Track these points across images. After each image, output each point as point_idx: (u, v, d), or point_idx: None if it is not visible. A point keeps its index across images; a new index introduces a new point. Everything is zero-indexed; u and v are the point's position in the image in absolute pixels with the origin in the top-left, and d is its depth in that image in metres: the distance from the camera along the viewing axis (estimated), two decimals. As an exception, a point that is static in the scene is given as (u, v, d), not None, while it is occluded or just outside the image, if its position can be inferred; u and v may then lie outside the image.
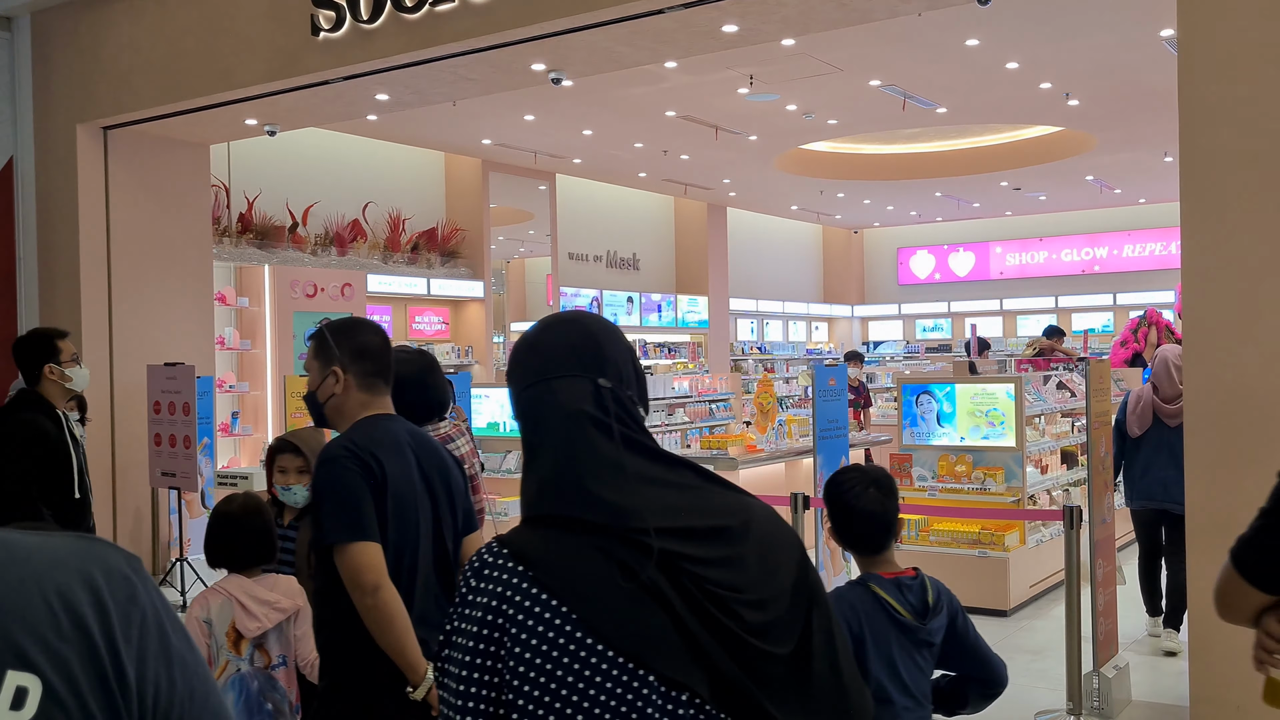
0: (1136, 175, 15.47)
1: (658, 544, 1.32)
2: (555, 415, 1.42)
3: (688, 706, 1.31)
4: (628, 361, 1.48)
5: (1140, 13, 8.01)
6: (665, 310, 16.77)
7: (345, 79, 7.66)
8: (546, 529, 1.37)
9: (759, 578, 1.37)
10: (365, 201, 12.24)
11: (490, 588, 1.34)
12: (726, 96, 10.18)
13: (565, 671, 1.31)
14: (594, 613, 1.31)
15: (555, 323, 1.51)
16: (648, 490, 1.36)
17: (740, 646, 1.32)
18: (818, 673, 1.36)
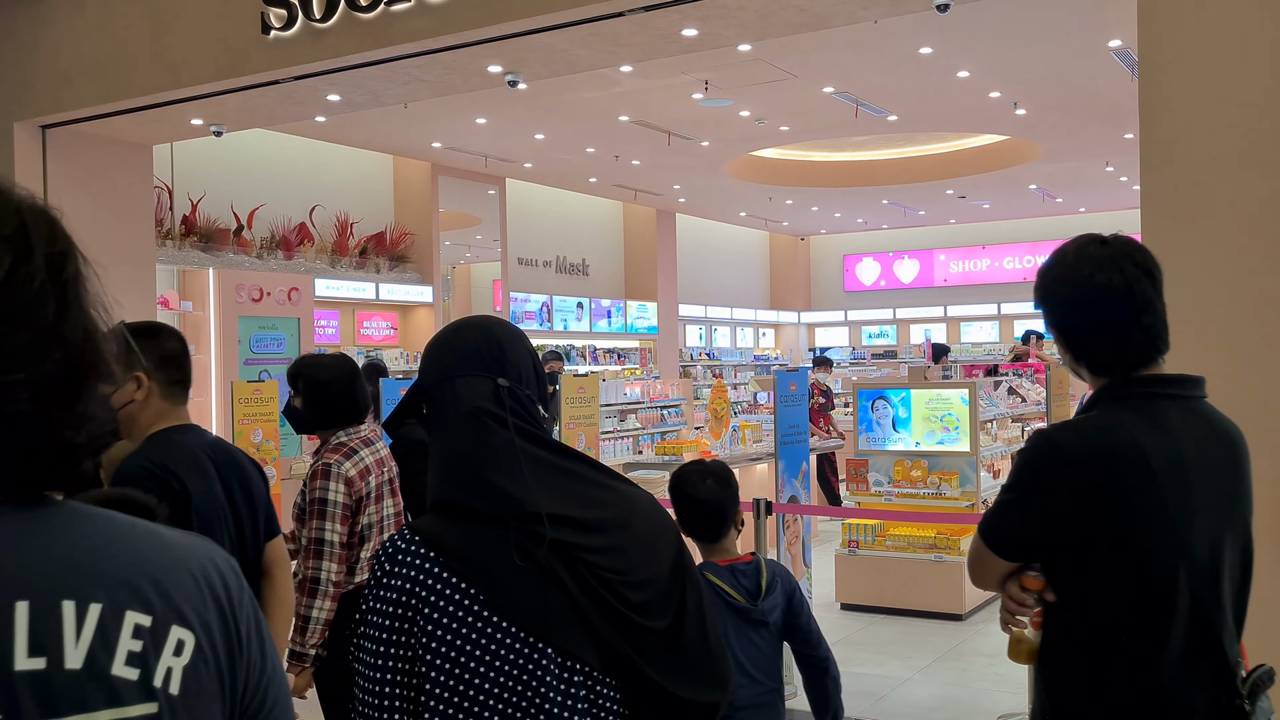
0: (1078, 184, 15.75)
1: (551, 532, 1.47)
2: (457, 410, 1.56)
3: (581, 675, 1.48)
4: (528, 364, 1.63)
5: (1089, 23, 8.14)
6: (615, 316, 16.72)
7: (296, 79, 7.51)
8: (452, 517, 1.52)
9: (640, 562, 1.54)
10: (312, 204, 12.04)
11: (403, 571, 1.48)
12: (680, 102, 10.16)
13: (473, 646, 1.45)
14: (497, 593, 1.46)
15: (464, 326, 1.66)
16: (540, 481, 1.51)
17: (624, 623, 1.49)
18: (689, 641, 1.55)
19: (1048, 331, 2.01)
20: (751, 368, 20.42)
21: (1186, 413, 1.86)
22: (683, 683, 1.54)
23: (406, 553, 1.49)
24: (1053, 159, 13.46)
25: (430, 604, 1.46)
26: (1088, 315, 1.91)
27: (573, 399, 6.81)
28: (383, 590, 1.49)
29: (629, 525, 1.57)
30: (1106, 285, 1.87)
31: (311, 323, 11.36)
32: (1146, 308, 1.88)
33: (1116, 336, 1.89)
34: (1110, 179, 15.20)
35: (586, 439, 6.89)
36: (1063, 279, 1.94)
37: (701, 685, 1.56)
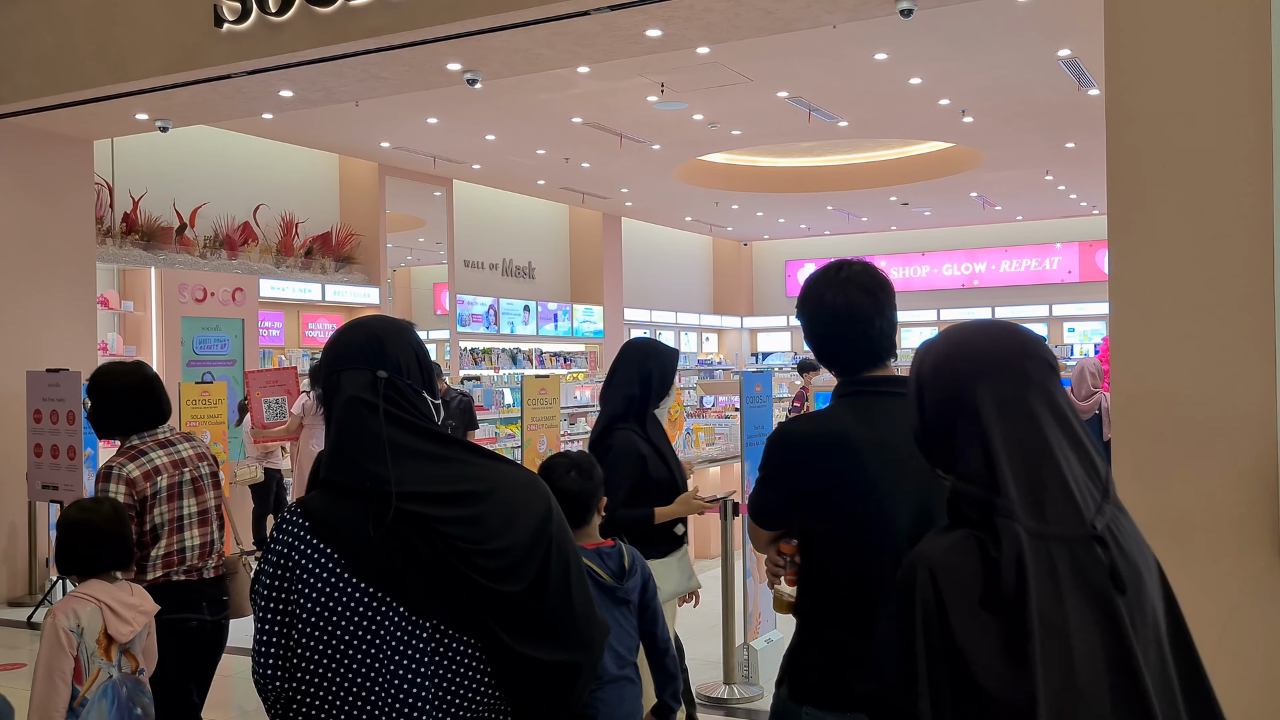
0: (1017, 193, 16.04)
1: (404, 505, 1.69)
2: (339, 399, 1.79)
3: (428, 631, 1.69)
4: (411, 357, 1.83)
5: (1040, 32, 8.28)
6: (562, 320, 16.65)
7: (248, 74, 7.36)
8: (330, 493, 1.76)
9: (495, 531, 1.72)
10: (256, 203, 11.81)
11: (284, 538, 1.73)
12: (635, 104, 10.15)
13: (334, 602, 1.68)
14: (356, 558, 1.69)
15: (350, 325, 1.89)
16: (406, 462, 1.73)
17: (476, 586, 1.69)
18: (550, 606, 1.73)
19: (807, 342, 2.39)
20: (695, 372, 20.48)
21: (901, 405, 1.89)
22: (539, 644, 1.72)
23: (289, 523, 1.75)
24: (996, 167, 13.70)
25: (302, 566, 1.70)
26: (820, 328, 2.31)
27: (534, 400, 6.75)
28: (269, 554, 1.74)
29: (487, 499, 1.75)
30: (832, 304, 2.26)
31: (256, 324, 11.14)
32: (868, 323, 2.25)
33: (841, 345, 2.29)
34: (1049, 187, 15.51)
35: (549, 440, 6.83)
36: (805, 298, 2.34)
37: (559, 647, 1.73)
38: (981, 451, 1.44)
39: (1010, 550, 1.37)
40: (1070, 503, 1.42)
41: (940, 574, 1.39)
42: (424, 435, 1.78)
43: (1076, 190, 15.92)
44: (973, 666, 1.34)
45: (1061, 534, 1.40)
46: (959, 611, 1.37)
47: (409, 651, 1.68)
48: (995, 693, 1.33)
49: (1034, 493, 1.41)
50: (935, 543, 1.44)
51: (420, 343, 1.89)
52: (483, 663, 1.71)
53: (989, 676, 1.34)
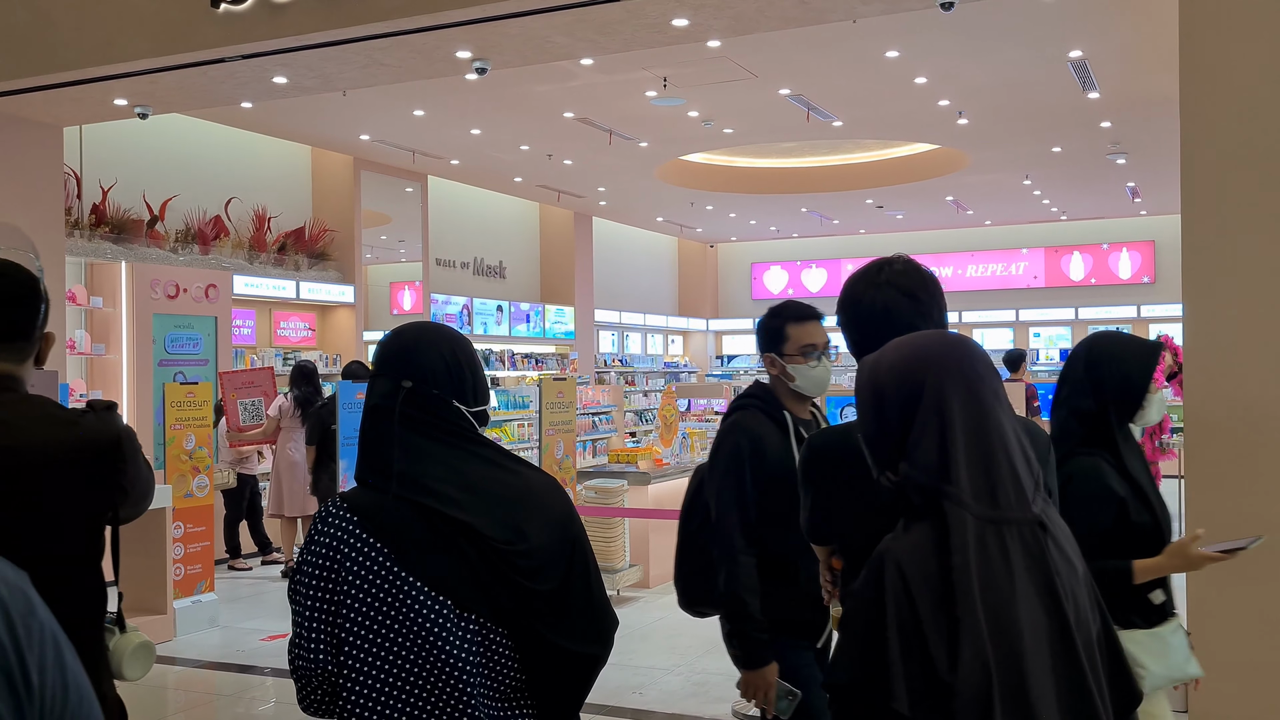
0: (992, 197, 16.05)
1: (448, 510, 1.78)
2: (367, 404, 1.89)
3: (477, 624, 1.78)
4: (439, 366, 1.89)
5: (1055, 32, 8.18)
6: (534, 320, 16.32)
7: (244, 58, 6.97)
8: (371, 490, 1.82)
9: (530, 533, 1.81)
10: (227, 196, 11.33)
11: (331, 529, 1.78)
12: (632, 99, 9.89)
13: (385, 594, 1.74)
14: (405, 553, 1.76)
15: (392, 333, 1.97)
16: (433, 465, 1.82)
17: (514, 585, 1.78)
18: (575, 602, 1.85)
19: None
20: (661, 374, 20.26)
21: None
22: (568, 636, 1.83)
23: (335, 516, 1.79)
24: (978, 170, 13.65)
25: (351, 558, 1.75)
26: (855, 329, 2.19)
27: (553, 404, 6.46)
28: (314, 546, 1.78)
29: (520, 502, 1.84)
30: (870, 306, 2.14)
31: (229, 322, 10.68)
32: (907, 327, 2.06)
33: (872, 348, 2.13)
34: (1025, 192, 15.53)
35: (565, 446, 6.54)
36: (842, 298, 2.22)
37: (584, 639, 1.86)
38: (938, 442, 1.54)
39: (959, 536, 1.48)
40: (1019, 490, 1.54)
41: (908, 570, 1.48)
42: (446, 439, 1.85)
43: (1051, 195, 15.96)
44: (940, 656, 1.43)
45: (1014, 518, 1.52)
46: (925, 606, 1.45)
47: (457, 643, 1.76)
48: (959, 684, 1.42)
49: (988, 480, 1.53)
50: (902, 540, 1.53)
51: (457, 355, 1.93)
52: (514, 651, 1.82)
53: (952, 667, 1.43)
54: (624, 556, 8.28)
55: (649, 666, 6.31)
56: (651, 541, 8.63)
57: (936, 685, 1.43)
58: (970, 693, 1.42)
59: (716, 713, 5.50)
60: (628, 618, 7.64)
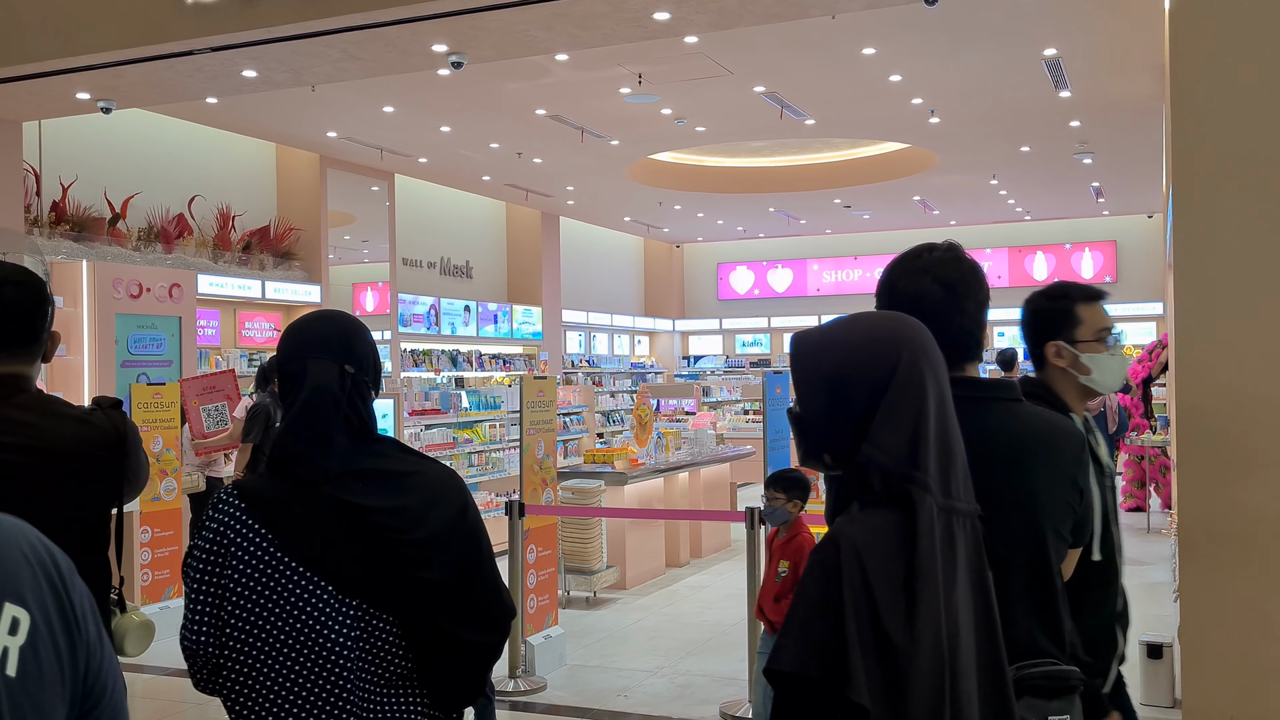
0: (959, 197, 16.12)
1: (343, 494, 1.82)
2: (306, 386, 1.86)
3: (357, 609, 1.81)
4: (370, 356, 1.95)
5: (1030, 30, 8.19)
6: (501, 321, 16.18)
7: (213, 50, 6.81)
8: (275, 475, 1.86)
9: (419, 522, 1.84)
10: (191, 194, 11.11)
11: (220, 516, 1.84)
12: (605, 97, 9.80)
13: (265, 578, 1.79)
14: (287, 538, 1.80)
15: (318, 315, 1.98)
16: (350, 454, 1.86)
17: (404, 573, 1.81)
18: (470, 591, 1.87)
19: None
20: (628, 375, 20.18)
21: (969, 413, 1.88)
22: (461, 625, 1.84)
23: (225, 502, 1.84)
24: (947, 170, 13.70)
25: (235, 543, 1.80)
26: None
27: (533, 404, 6.35)
28: (204, 530, 1.84)
29: (412, 491, 1.87)
30: (902, 292, 2.03)
31: (194, 322, 10.45)
32: (928, 317, 1.90)
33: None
34: (991, 192, 15.62)
35: (545, 445, 6.44)
36: (882, 280, 2.11)
37: (477, 628, 1.87)
38: (912, 426, 1.48)
39: (926, 523, 1.44)
40: (968, 480, 1.54)
41: (867, 557, 1.42)
42: (364, 431, 1.91)
43: (1016, 195, 16.07)
44: (894, 641, 1.39)
45: (963, 509, 1.51)
46: (883, 590, 1.40)
47: (334, 625, 1.79)
48: (912, 676, 1.39)
49: (945, 469, 1.49)
50: (858, 525, 1.47)
51: (373, 343, 2.00)
52: (399, 638, 1.84)
53: (907, 659, 1.39)
54: (601, 558, 8.19)
55: (632, 669, 6.22)
56: (629, 542, 8.55)
57: (892, 675, 1.39)
58: (926, 682, 1.40)
59: (704, 714, 5.43)
60: (606, 620, 7.54)
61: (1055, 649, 1.95)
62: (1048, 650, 1.94)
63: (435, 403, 10.35)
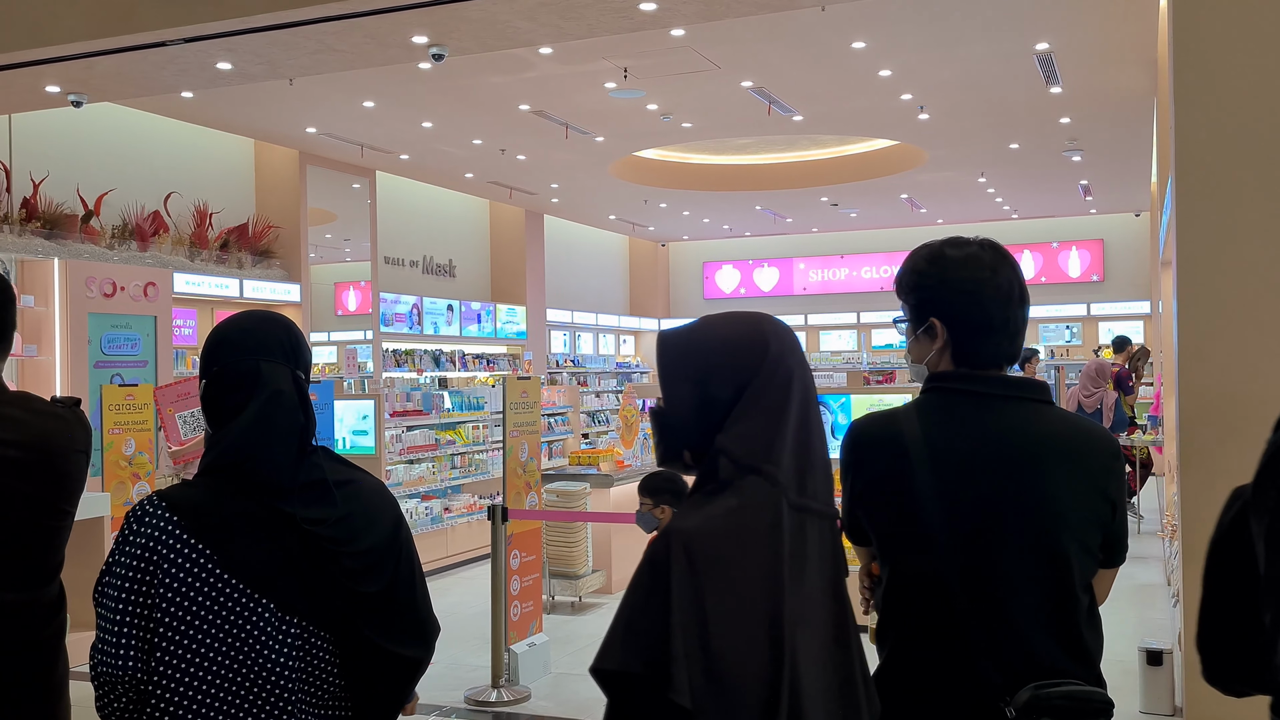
0: (947, 195, 16.01)
1: (287, 508, 1.73)
2: (264, 391, 1.76)
3: (298, 627, 1.73)
4: (309, 362, 1.89)
5: (1023, 23, 8.06)
6: (485, 320, 15.98)
7: (187, 41, 6.61)
8: (213, 483, 1.75)
9: (360, 533, 1.78)
10: (167, 191, 10.88)
11: (148, 530, 1.69)
12: (590, 91, 9.62)
13: (203, 598, 1.67)
14: (227, 553, 1.70)
15: (260, 316, 1.88)
16: (293, 464, 1.77)
17: (339, 585, 1.75)
18: (400, 604, 1.82)
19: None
20: (614, 375, 20.01)
21: (989, 411, 1.90)
22: (392, 639, 1.80)
23: (152, 515, 1.70)
24: (935, 168, 13.58)
25: (168, 560, 1.67)
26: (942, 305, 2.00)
27: (516, 405, 6.18)
28: (127, 546, 1.70)
29: (352, 501, 1.80)
30: (954, 283, 1.97)
31: (170, 322, 10.22)
32: (975, 309, 1.97)
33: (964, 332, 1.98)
34: (979, 190, 15.51)
35: (530, 447, 6.27)
36: (925, 272, 2.01)
37: (408, 643, 1.83)
38: (772, 421, 1.44)
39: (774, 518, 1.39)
40: (827, 481, 1.49)
41: (697, 552, 1.36)
42: (304, 441, 1.82)
43: (1004, 193, 15.97)
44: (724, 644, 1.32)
45: (818, 509, 1.47)
46: (713, 584, 1.35)
47: (277, 646, 1.71)
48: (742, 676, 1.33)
49: (800, 466, 1.45)
50: (692, 519, 1.41)
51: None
52: (335, 655, 1.78)
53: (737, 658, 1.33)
54: (586, 562, 8.02)
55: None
56: (614, 546, 8.38)
57: (719, 676, 1.33)
58: (758, 681, 1.35)
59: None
60: (591, 626, 7.37)
61: (1079, 669, 1.85)
62: (1069, 670, 1.84)
63: (417, 403, 10.16)
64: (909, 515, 1.86)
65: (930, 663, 1.87)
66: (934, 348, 1.97)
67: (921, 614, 1.88)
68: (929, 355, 1.98)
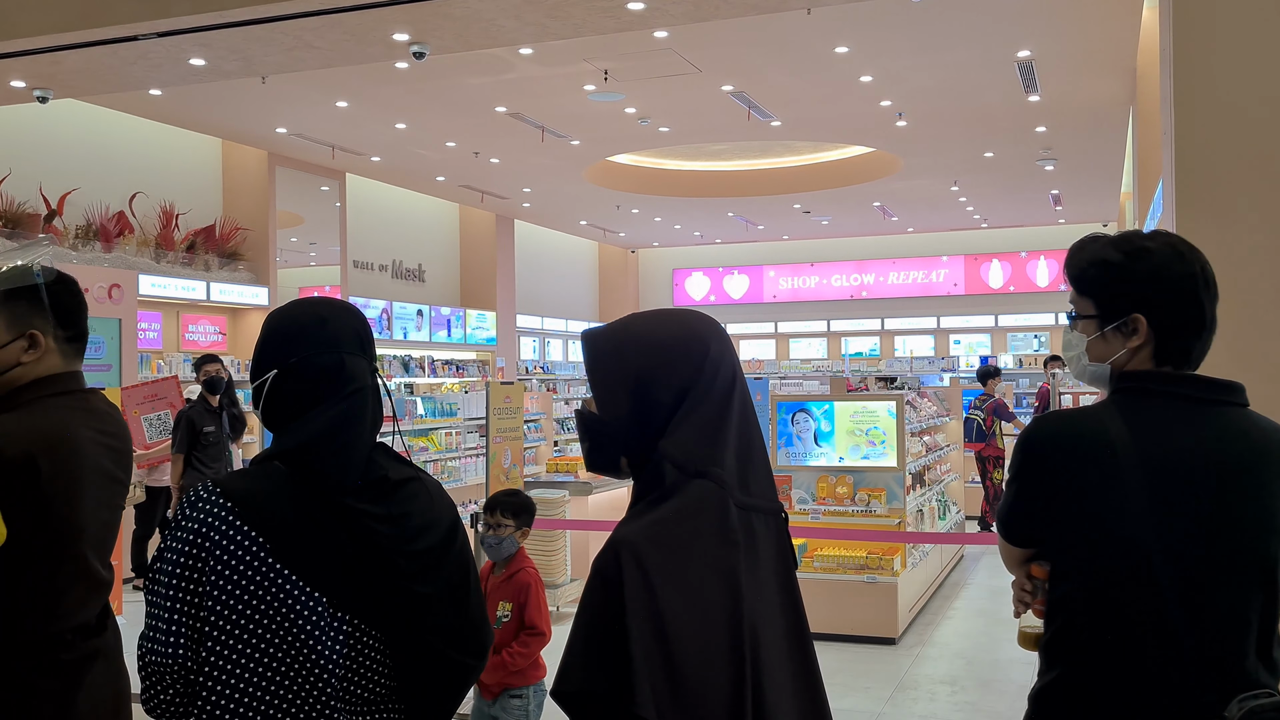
0: (919, 204, 16.05)
1: (346, 501, 1.67)
2: (348, 386, 1.69)
3: (350, 625, 1.66)
4: (374, 351, 1.82)
5: (1005, 30, 8.05)
6: (455, 326, 15.80)
7: (160, 35, 6.42)
8: (273, 471, 1.67)
9: (418, 533, 1.72)
10: (132, 191, 10.64)
11: (201, 515, 1.63)
12: (569, 94, 9.51)
13: (255, 586, 1.61)
14: (280, 543, 1.63)
15: (332, 304, 1.79)
16: (370, 460, 1.72)
17: (395, 584, 1.68)
18: (458, 609, 1.76)
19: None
20: (583, 382, 19.87)
21: (1198, 414, 1.82)
22: (446, 643, 1.73)
23: (207, 501, 1.63)
24: (910, 175, 13.60)
25: (221, 546, 1.61)
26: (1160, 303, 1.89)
27: (500, 410, 6.05)
28: (181, 533, 1.63)
29: (412, 500, 1.73)
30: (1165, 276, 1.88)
31: (135, 324, 9.97)
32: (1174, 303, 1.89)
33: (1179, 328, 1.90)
34: (951, 198, 15.56)
35: (513, 454, 6.14)
36: (1165, 268, 1.88)
37: (464, 649, 1.76)
38: (714, 423, 1.42)
39: (725, 521, 1.37)
40: (769, 479, 1.48)
41: (648, 560, 1.33)
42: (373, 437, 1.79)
43: (976, 202, 16.03)
44: (685, 651, 1.30)
45: (764, 507, 1.45)
46: (670, 597, 1.32)
47: (327, 641, 1.65)
48: (705, 685, 1.30)
49: (743, 465, 1.43)
50: (637, 527, 1.37)
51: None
52: (387, 656, 1.71)
53: (699, 664, 1.30)
54: (565, 571, 7.88)
55: (603, 689, 5.92)
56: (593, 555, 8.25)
57: (682, 685, 1.30)
58: (722, 684, 1.32)
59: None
60: (572, 636, 7.23)
61: (1277, 680, 1.80)
62: (1267, 682, 1.78)
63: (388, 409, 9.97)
64: (1114, 523, 1.77)
65: (1130, 679, 1.77)
66: (1128, 346, 1.86)
67: (1124, 627, 1.78)
68: (1118, 354, 1.87)
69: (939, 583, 8.55)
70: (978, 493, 11.36)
